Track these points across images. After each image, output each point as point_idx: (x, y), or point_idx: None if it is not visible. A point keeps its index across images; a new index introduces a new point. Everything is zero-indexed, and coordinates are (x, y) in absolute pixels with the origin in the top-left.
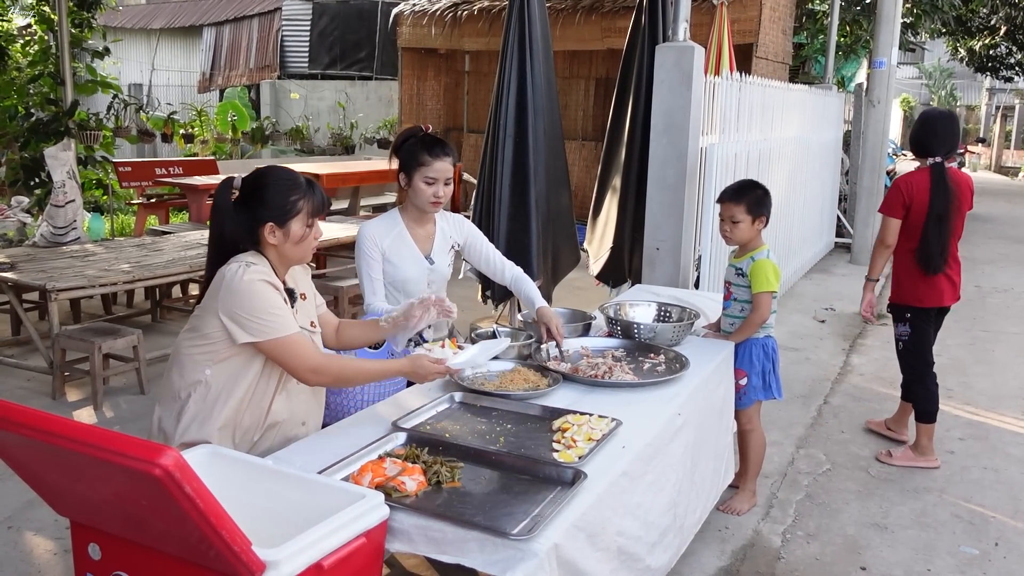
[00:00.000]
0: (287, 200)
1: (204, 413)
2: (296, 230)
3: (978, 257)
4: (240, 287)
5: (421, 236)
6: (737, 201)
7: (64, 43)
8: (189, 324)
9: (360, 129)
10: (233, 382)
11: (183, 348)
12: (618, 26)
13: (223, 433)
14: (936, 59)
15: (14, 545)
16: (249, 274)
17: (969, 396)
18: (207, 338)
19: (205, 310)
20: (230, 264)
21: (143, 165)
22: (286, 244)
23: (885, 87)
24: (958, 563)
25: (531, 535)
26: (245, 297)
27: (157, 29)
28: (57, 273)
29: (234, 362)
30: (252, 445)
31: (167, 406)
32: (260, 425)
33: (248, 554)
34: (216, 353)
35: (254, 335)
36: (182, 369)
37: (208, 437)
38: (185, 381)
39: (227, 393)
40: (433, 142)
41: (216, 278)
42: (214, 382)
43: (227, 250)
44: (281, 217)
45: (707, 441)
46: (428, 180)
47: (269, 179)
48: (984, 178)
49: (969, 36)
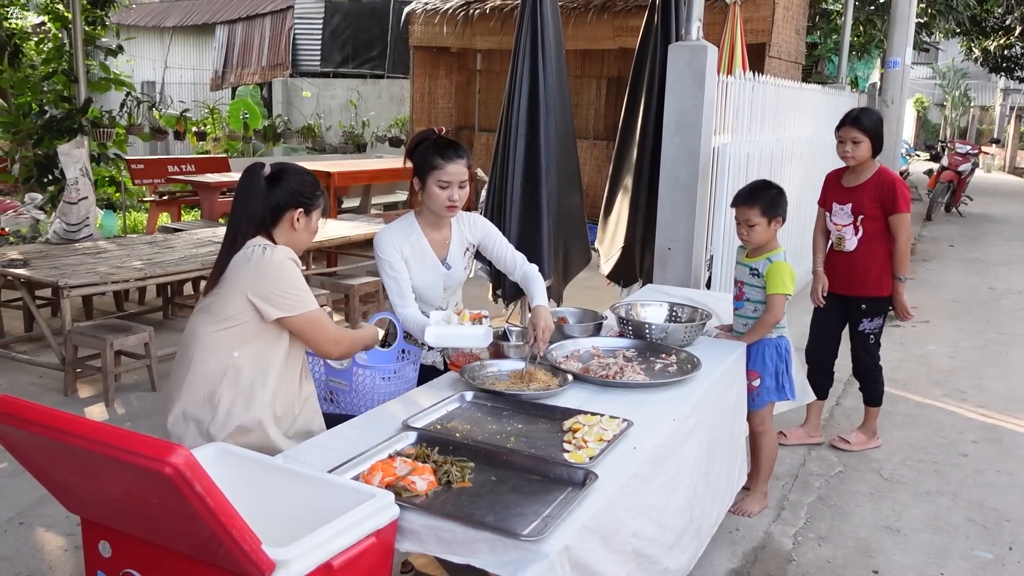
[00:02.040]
0: (314, 192)
1: (244, 395)
2: (315, 221)
3: (992, 259)
4: (270, 266)
5: (437, 241)
6: (751, 204)
7: (78, 41)
8: (204, 310)
9: (372, 127)
10: (265, 361)
11: (204, 333)
12: (630, 25)
13: (268, 411)
14: (950, 59)
15: (25, 541)
16: (277, 254)
17: (983, 399)
18: (232, 320)
19: (227, 293)
20: (250, 248)
21: (155, 163)
22: (304, 232)
23: (899, 87)
24: (972, 567)
25: (542, 536)
26: (276, 275)
27: (170, 27)
28: (69, 270)
29: (261, 343)
30: (294, 419)
31: (192, 394)
32: (298, 399)
33: (258, 553)
34: (242, 335)
35: (286, 311)
36: (205, 355)
37: (257, 416)
38: (211, 367)
39: (262, 372)
40: (446, 145)
41: (238, 261)
42: (244, 364)
43: (246, 232)
44: (308, 206)
45: (720, 442)
46: (442, 184)
47: (297, 171)
48: (998, 179)
49: (984, 36)
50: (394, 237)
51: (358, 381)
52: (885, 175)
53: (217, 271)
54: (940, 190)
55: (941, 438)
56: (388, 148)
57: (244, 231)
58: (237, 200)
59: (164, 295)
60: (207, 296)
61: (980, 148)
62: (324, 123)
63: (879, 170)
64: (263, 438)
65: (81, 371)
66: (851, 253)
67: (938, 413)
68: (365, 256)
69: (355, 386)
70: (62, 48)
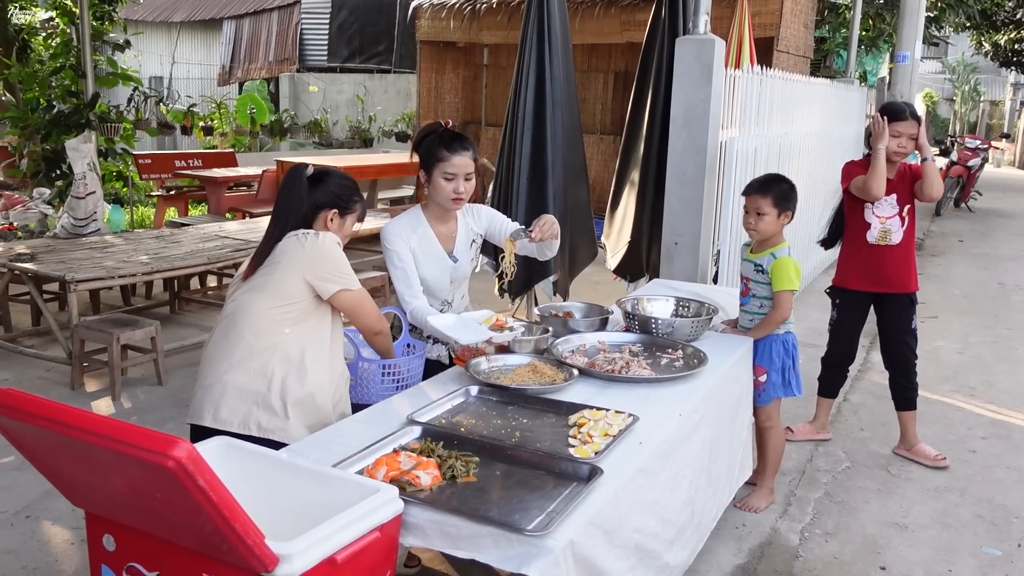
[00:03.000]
0: (352, 197)
1: (297, 370)
2: (348, 225)
3: (1001, 254)
4: (324, 249)
5: (444, 234)
6: (764, 194)
7: (85, 36)
8: (257, 288)
9: (378, 122)
10: (314, 340)
11: (259, 310)
12: (637, 19)
13: (321, 386)
14: (960, 53)
15: (32, 534)
16: (328, 238)
17: (992, 395)
18: (288, 299)
19: (283, 273)
20: (300, 235)
21: (163, 157)
22: (336, 232)
23: (908, 82)
24: (980, 564)
25: (546, 531)
26: (330, 257)
27: (178, 22)
28: (76, 264)
29: (311, 322)
30: (340, 397)
31: (244, 367)
32: (341, 379)
33: (261, 547)
34: (296, 313)
35: (343, 286)
36: (258, 329)
37: (311, 390)
38: (264, 341)
39: (313, 349)
40: (452, 137)
41: (288, 244)
42: (295, 341)
43: (290, 225)
44: (344, 209)
45: (723, 438)
46: (447, 176)
47: (339, 176)
48: (1008, 174)
49: (994, 30)
50: (401, 228)
51: (363, 375)
52: (910, 165)
53: (261, 254)
54: (949, 185)
55: (950, 434)
56: (395, 143)
57: (287, 224)
58: (280, 196)
59: (171, 289)
60: (254, 276)
61: (990, 143)
62: (331, 118)
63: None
64: (319, 411)
65: (88, 365)
66: (897, 247)
67: (947, 409)
68: (371, 251)
69: (360, 380)
70: (70, 43)
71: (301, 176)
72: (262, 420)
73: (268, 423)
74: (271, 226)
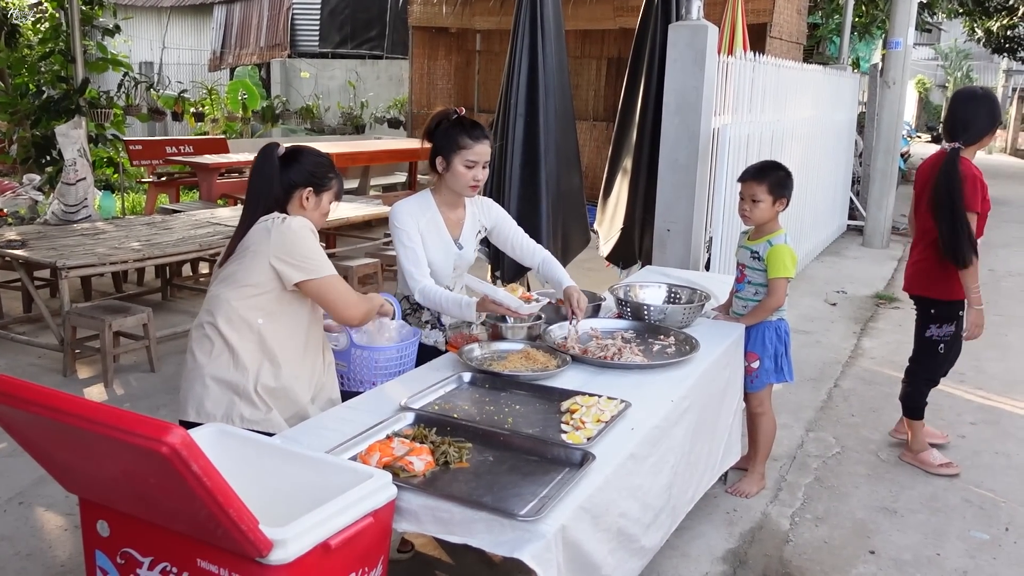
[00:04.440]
0: (326, 174)
1: (271, 361)
2: (325, 203)
3: (992, 241)
4: (290, 233)
5: (452, 220)
6: (760, 180)
7: (75, 21)
8: (227, 279)
9: (370, 109)
10: (290, 328)
11: (228, 300)
12: (631, 5)
13: (297, 377)
14: (953, 40)
15: (25, 520)
16: (296, 221)
17: (981, 380)
18: (257, 287)
19: (250, 260)
20: (268, 219)
21: (154, 144)
22: (314, 212)
23: (901, 68)
24: (968, 548)
25: (539, 516)
26: (294, 241)
27: (168, 7)
28: (68, 251)
29: (285, 310)
30: (321, 387)
31: (219, 360)
32: (322, 367)
33: (255, 532)
34: (267, 302)
35: (307, 274)
36: (232, 322)
37: (286, 382)
38: (238, 333)
39: (288, 339)
40: (472, 125)
41: (257, 231)
42: (269, 331)
43: (265, 209)
44: (319, 187)
45: (707, 423)
46: (468, 163)
47: (312, 152)
48: (1000, 161)
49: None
50: (412, 209)
51: (356, 362)
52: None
53: (234, 241)
54: None
55: (939, 420)
56: (387, 129)
57: (259, 207)
58: (252, 177)
59: (163, 276)
60: (226, 266)
61: None
62: (323, 104)
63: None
64: (295, 404)
65: (80, 352)
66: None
67: (936, 395)
68: (364, 237)
69: (353, 367)
70: (59, 28)
71: (272, 156)
72: (245, 412)
73: (251, 415)
74: (244, 210)
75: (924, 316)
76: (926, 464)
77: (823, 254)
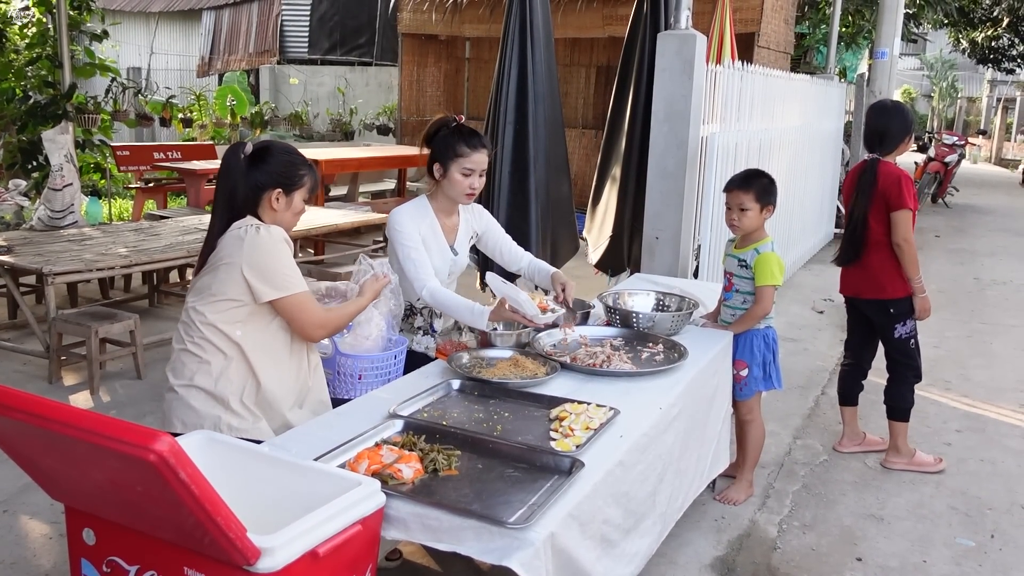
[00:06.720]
0: (296, 172)
1: (253, 373)
2: (297, 202)
3: (977, 249)
4: (263, 245)
5: (448, 226)
6: (746, 189)
7: (62, 25)
8: (202, 290)
9: (360, 115)
10: (269, 337)
11: (203, 312)
12: (620, 14)
13: (280, 387)
14: (938, 50)
15: (9, 529)
16: (269, 235)
17: (967, 388)
18: (235, 300)
19: (225, 273)
20: (242, 227)
21: (141, 149)
22: (286, 212)
23: (887, 78)
24: (954, 555)
25: (528, 524)
26: (267, 254)
27: (156, 12)
28: (54, 257)
29: (262, 320)
30: (308, 391)
31: (200, 372)
32: (308, 371)
33: (243, 540)
34: (246, 314)
35: (280, 291)
36: (210, 334)
37: (268, 396)
38: (217, 345)
39: (268, 349)
40: (471, 133)
41: (229, 240)
42: (249, 342)
43: (234, 213)
44: (288, 186)
45: (695, 430)
46: (465, 171)
47: (280, 150)
48: (984, 170)
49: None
50: (412, 214)
51: (342, 370)
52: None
53: (206, 248)
54: (927, 181)
55: (925, 427)
56: (376, 136)
57: (227, 211)
58: (219, 180)
59: (150, 283)
60: (200, 277)
61: (967, 139)
62: (312, 110)
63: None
64: (278, 415)
65: (66, 359)
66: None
67: (922, 402)
68: (353, 244)
69: (339, 375)
70: (46, 33)
71: (237, 156)
72: (232, 422)
73: (238, 424)
74: (212, 216)
75: (885, 318)
76: (925, 465)
77: (810, 262)
